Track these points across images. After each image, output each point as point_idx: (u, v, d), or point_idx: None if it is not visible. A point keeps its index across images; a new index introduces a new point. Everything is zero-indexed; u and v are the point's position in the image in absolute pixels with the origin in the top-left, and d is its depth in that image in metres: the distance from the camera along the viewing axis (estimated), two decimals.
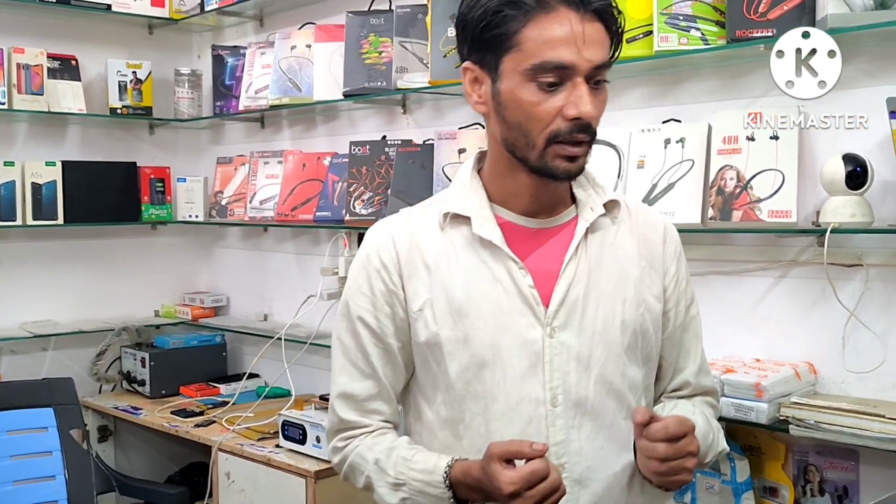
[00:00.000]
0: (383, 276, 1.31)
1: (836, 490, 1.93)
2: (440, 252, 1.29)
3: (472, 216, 1.28)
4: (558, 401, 1.26)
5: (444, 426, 1.30)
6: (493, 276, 1.27)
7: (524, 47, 1.18)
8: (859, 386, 1.89)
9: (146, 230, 3.46)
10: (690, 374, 1.40)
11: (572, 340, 1.26)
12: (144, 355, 3.18)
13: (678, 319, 1.37)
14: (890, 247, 1.84)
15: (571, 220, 1.32)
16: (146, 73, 3.32)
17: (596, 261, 1.29)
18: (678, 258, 1.38)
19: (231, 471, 2.61)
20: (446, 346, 1.27)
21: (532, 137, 1.21)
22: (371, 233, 1.37)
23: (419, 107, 2.79)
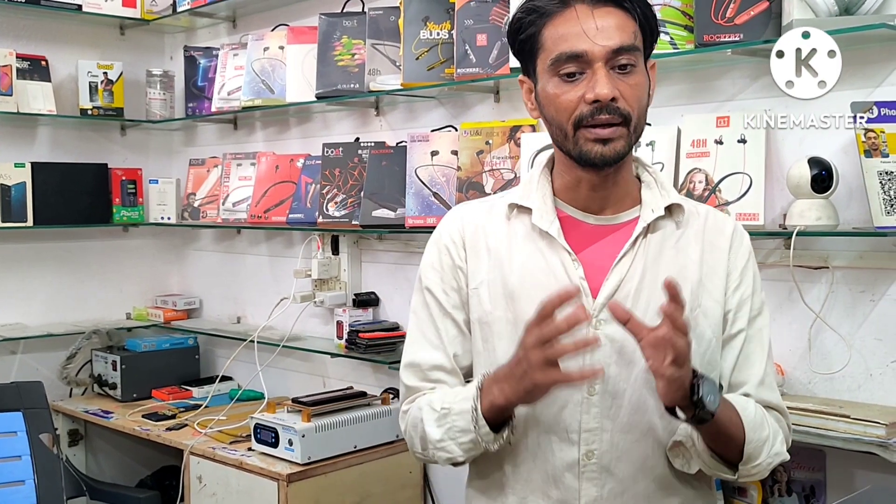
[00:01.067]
0: (451, 251, 1.40)
1: (804, 490, 1.96)
2: (502, 238, 1.37)
3: (534, 208, 1.35)
4: (595, 390, 1.29)
5: None
6: (547, 265, 1.32)
7: (546, 46, 1.27)
8: (825, 387, 1.91)
9: (118, 232, 3.43)
10: (752, 386, 1.36)
11: (618, 334, 1.27)
12: (116, 358, 3.15)
13: (737, 325, 1.35)
14: (855, 249, 1.87)
15: (633, 219, 1.35)
16: (117, 74, 3.29)
17: (653, 260, 1.32)
18: (745, 266, 1.37)
19: (203, 474, 2.59)
20: (496, 326, 1.34)
21: (564, 128, 1.27)
22: (446, 217, 1.47)
23: (392, 109, 2.79)
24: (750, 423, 1.29)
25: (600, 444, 1.30)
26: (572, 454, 1.30)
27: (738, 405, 1.29)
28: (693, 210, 1.38)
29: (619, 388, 1.29)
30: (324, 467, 2.42)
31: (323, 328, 2.97)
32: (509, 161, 2.37)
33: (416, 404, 1.38)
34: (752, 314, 1.37)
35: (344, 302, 2.85)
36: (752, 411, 1.31)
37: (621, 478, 1.30)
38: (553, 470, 1.31)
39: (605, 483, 1.30)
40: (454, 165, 2.48)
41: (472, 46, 2.37)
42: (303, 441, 2.38)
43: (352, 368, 2.87)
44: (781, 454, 1.35)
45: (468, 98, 2.57)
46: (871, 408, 1.79)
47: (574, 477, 1.30)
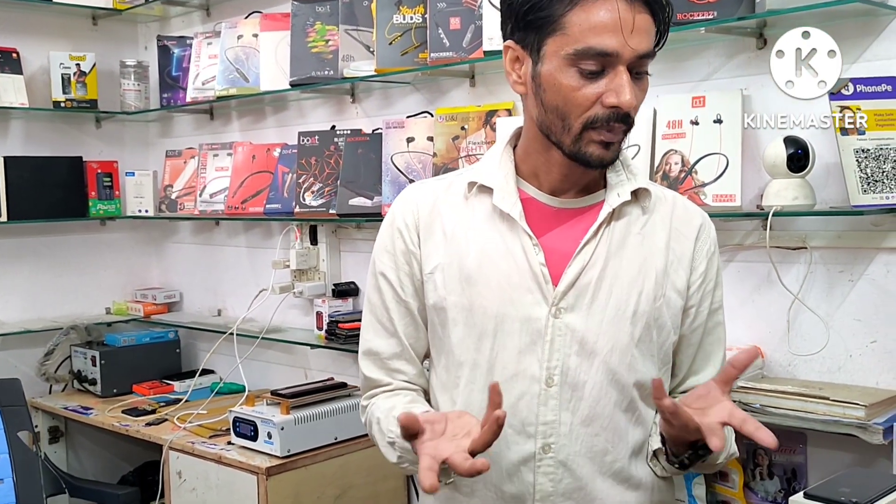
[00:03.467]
0: (404, 235, 1.34)
1: (785, 473, 1.94)
2: (459, 220, 1.31)
3: (496, 188, 1.29)
4: (554, 381, 1.25)
5: (443, 390, 1.33)
6: (506, 249, 1.27)
7: (569, 31, 1.17)
8: (805, 368, 1.89)
9: (94, 226, 3.38)
10: (707, 378, 1.33)
11: (578, 324, 1.24)
12: (95, 354, 3.12)
13: (698, 319, 1.33)
14: (832, 229, 1.84)
15: (598, 203, 1.29)
16: (90, 66, 3.24)
17: (617, 247, 1.27)
18: (710, 258, 1.34)
19: (182, 469, 2.57)
20: (451, 312, 1.29)
21: (569, 121, 1.20)
22: (399, 197, 1.40)
23: (368, 95, 2.76)
24: None
25: (558, 438, 1.25)
26: (528, 448, 1.26)
27: None
28: (660, 195, 1.34)
29: (580, 379, 1.25)
30: (304, 460, 2.40)
31: (303, 319, 2.94)
32: (485, 146, 2.33)
33: (371, 409, 1.36)
34: (712, 307, 1.35)
35: (323, 292, 2.82)
36: None
37: (579, 474, 1.26)
38: (508, 464, 1.26)
39: (561, 478, 1.26)
40: (430, 152, 2.45)
41: (445, 30, 2.34)
42: (282, 434, 2.36)
43: (333, 359, 2.84)
44: (735, 453, 1.36)
45: (443, 83, 2.53)
46: (851, 389, 1.77)
47: (529, 471, 1.26)
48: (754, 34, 1.92)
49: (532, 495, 1.26)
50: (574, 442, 1.25)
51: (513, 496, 1.27)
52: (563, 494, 1.26)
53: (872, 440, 1.64)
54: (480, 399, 1.25)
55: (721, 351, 1.38)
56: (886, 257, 1.79)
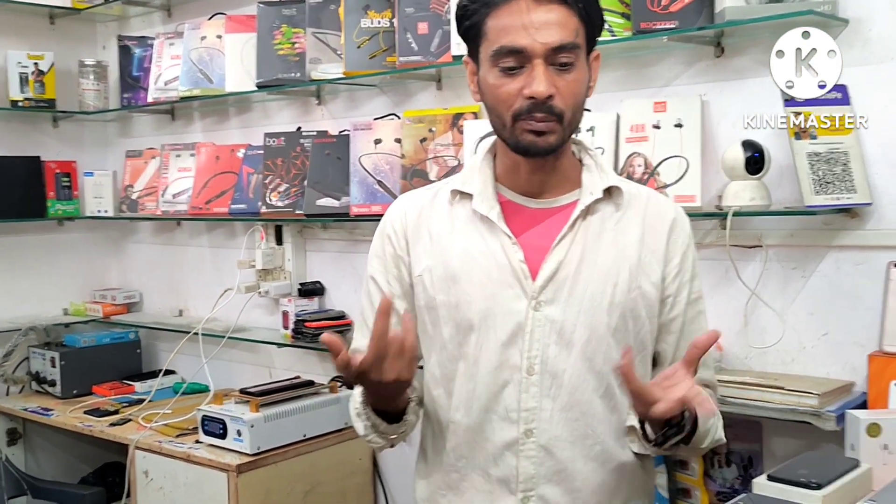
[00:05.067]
0: (393, 241, 1.44)
1: (742, 460, 2.03)
2: (445, 224, 1.40)
3: (475, 193, 1.38)
4: (534, 370, 1.33)
5: (439, 384, 1.41)
6: (487, 249, 1.35)
7: (489, 35, 1.29)
8: (761, 361, 1.99)
9: (52, 226, 3.34)
10: None
11: (557, 315, 1.32)
12: (54, 355, 3.09)
13: (676, 308, 1.40)
14: (786, 228, 1.95)
15: (573, 202, 1.38)
16: (48, 65, 3.21)
17: (593, 242, 1.35)
18: (685, 251, 1.40)
19: (149, 469, 2.57)
20: (441, 310, 1.38)
21: (503, 118, 1.30)
22: (394, 202, 1.50)
23: (334, 98, 2.79)
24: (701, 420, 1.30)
25: (539, 424, 1.33)
26: (512, 433, 1.34)
27: None
28: (634, 192, 1.42)
29: (559, 368, 1.33)
30: (273, 457, 2.42)
31: (268, 319, 2.96)
32: (453, 148, 2.39)
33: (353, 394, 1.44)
34: (691, 298, 1.42)
35: (289, 292, 2.85)
36: None
37: (560, 457, 1.33)
38: (493, 448, 1.35)
39: (543, 461, 1.33)
40: (398, 153, 2.50)
41: (413, 34, 2.39)
42: (252, 431, 2.38)
43: (298, 358, 2.87)
44: (722, 439, 1.40)
45: (410, 86, 2.58)
46: (805, 379, 1.87)
47: (513, 455, 1.34)
48: (713, 43, 2.01)
49: (516, 477, 1.34)
50: (555, 427, 1.33)
51: (499, 479, 1.35)
52: (546, 476, 1.34)
53: (825, 427, 1.74)
54: (468, 390, 1.36)
55: None
56: (837, 254, 1.90)
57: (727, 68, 2.01)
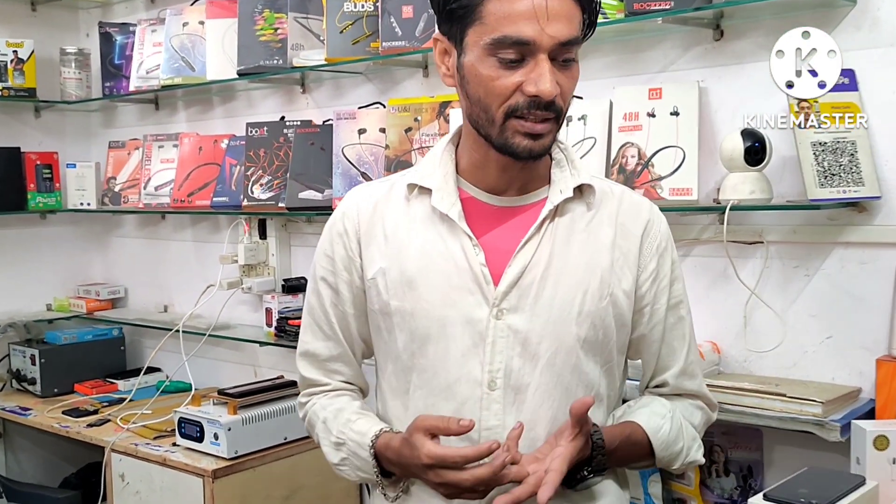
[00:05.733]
0: (344, 240, 1.32)
1: (741, 470, 1.92)
2: (400, 223, 1.28)
3: (434, 189, 1.26)
4: (496, 384, 1.21)
5: (395, 396, 1.31)
6: (447, 250, 1.24)
7: (486, 20, 1.14)
8: (761, 365, 1.88)
9: (34, 220, 3.25)
10: (671, 375, 1.34)
11: (521, 325, 1.21)
12: (34, 352, 3.00)
13: (656, 317, 1.30)
14: (788, 223, 1.82)
15: (541, 200, 1.26)
16: (28, 53, 3.10)
17: (562, 245, 1.24)
18: (661, 254, 1.30)
19: (125, 472, 2.48)
20: (395, 317, 1.27)
21: (491, 112, 1.17)
22: (345, 197, 1.37)
23: (318, 86, 2.68)
24: (662, 443, 1.27)
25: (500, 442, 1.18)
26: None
27: (651, 426, 1.27)
28: (607, 190, 1.30)
29: (523, 381, 1.22)
30: (252, 461, 2.33)
31: (252, 315, 2.86)
32: (439, 138, 2.27)
33: (313, 408, 1.37)
34: (671, 302, 1.32)
35: (273, 288, 2.74)
36: (668, 429, 1.28)
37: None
38: None
39: (507, 486, 1.19)
40: (382, 144, 2.39)
41: (397, 19, 2.27)
42: (229, 434, 2.28)
43: (282, 357, 2.77)
44: (697, 461, 1.34)
45: (396, 73, 2.47)
46: (807, 385, 1.76)
47: None
48: (711, 25, 1.89)
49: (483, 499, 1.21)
50: (520, 445, 1.19)
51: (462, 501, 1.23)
52: None
53: (829, 437, 1.63)
54: (426, 405, 1.25)
55: (685, 346, 1.34)
56: (842, 252, 1.78)
57: (726, 53, 1.89)
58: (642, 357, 1.33)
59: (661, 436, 1.27)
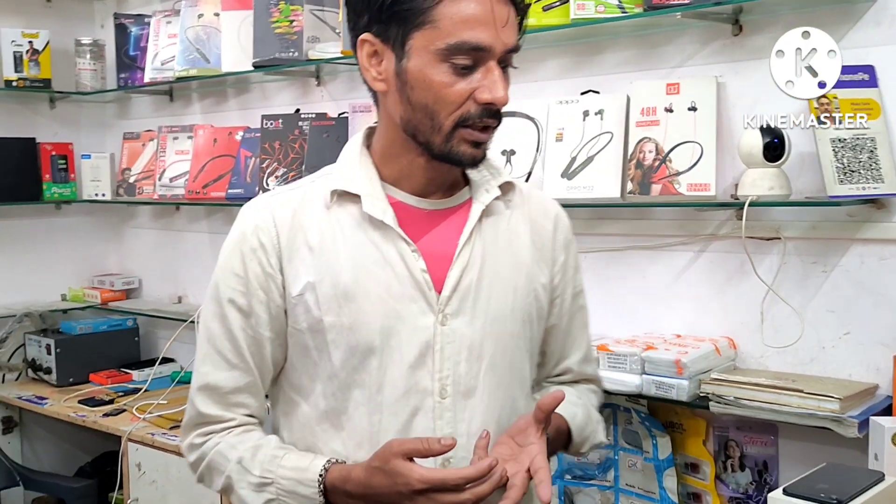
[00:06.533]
0: (260, 257, 1.20)
1: (756, 465, 1.93)
2: (325, 232, 1.20)
3: (363, 194, 1.19)
4: (447, 392, 1.20)
5: (324, 419, 1.22)
6: (383, 258, 1.19)
7: (440, 24, 1.11)
8: (778, 360, 1.88)
9: (49, 210, 3.27)
10: (574, 362, 1.39)
11: (465, 328, 1.20)
12: (50, 342, 3.03)
13: (564, 306, 1.34)
14: (807, 219, 1.82)
15: (465, 201, 1.25)
16: (44, 44, 3.12)
17: (491, 245, 1.24)
18: (568, 247, 1.34)
19: (142, 461, 2.50)
20: (330, 333, 1.19)
21: (439, 120, 1.14)
22: (248, 209, 1.25)
23: (333, 78, 2.69)
24: (577, 429, 1.32)
25: (455, 452, 1.15)
26: (428, 466, 1.14)
27: (568, 414, 1.30)
28: (518, 188, 1.32)
29: (470, 385, 1.21)
30: None
31: None
32: None
33: (216, 447, 1.22)
34: (574, 292, 1.36)
35: None
36: (581, 416, 1.33)
37: None
38: None
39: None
40: None
41: None
42: None
43: None
44: (602, 442, 1.42)
45: None
46: (825, 381, 1.76)
47: None
48: (730, 20, 1.89)
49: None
50: (470, 452, 1.18)
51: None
52: None
53: (847, 434, 1.63)
54: (371, 423, 1.19)
55: (585, 334, 1.40)
56: (861, 248, 1.78)
57: (745, 47, 1.89)
58: (548, 347, 1.35)
59: (577, 422, 1.31)
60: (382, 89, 1.18)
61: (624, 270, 2.07)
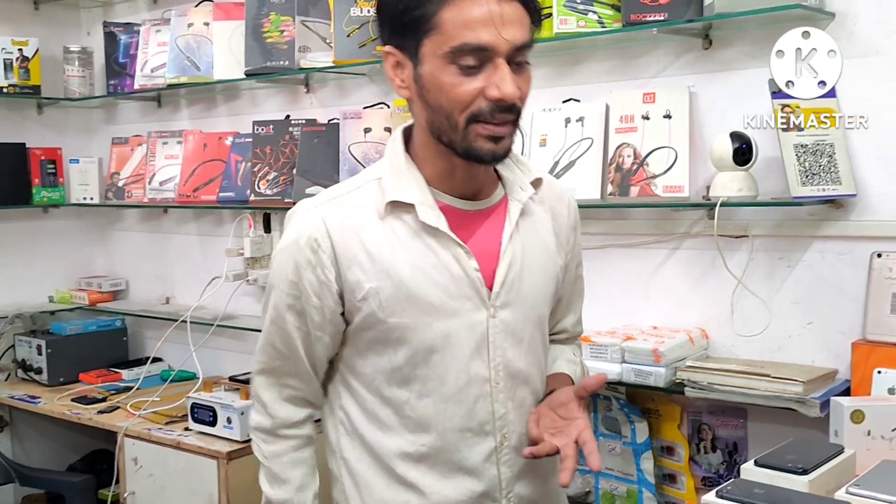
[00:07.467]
0: (314, 266, 1.28)
1: (727, 446, 2.07)
2: (382, 240, 1.27)
3: (416, 203, 1.26)
4: (500, 377, 1.31)
5: (387, 405, 1.32)
6: (440, 263, 1.27)
7: (443, 29, 1.17)
8: (747, 348, 2.03)
9: (38, 213, 3.33)
10: (570, 323, 1.54)
11: (509, 317, 1.32)
12: (40, 342, 3.08)
13: (569, 279, 1.47)
14: (772, 219, 1.98)
15: (501, 200, 1.34)
16: (33, 51, 3.18)
17: (526, 238, 1.35)
18: (576, 227, 1.47)
19: (139, 456, 2.57)
20: (395, 332, 1.28)
21: (454, 119, 1.20)
22: (300, 216, 1.31)
23: (322, 86, 2.79)
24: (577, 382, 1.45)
25: (509, 427, 1.32)
26: (489, 444, 1.31)
27: (570, 371, 1.46)
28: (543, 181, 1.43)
29: (516, 368, 1.33)
30: None
31: (256, 306, 2.96)
32: None
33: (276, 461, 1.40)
34: (576, 264, 1.49)
35: None
36: (579, 373, 1.50)
37: (523, 454, 1.30)
38: (473, 465, 1.31)
39: (516, 462, 1.33)
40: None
41: None
42: (242, 418, 2.39)
43: None
44: None
45: None
46: (790, 367, 1.91)
47: (493, 465, 1.32)
48: (701, 35, 2.03)
49: (499, 485, 1.33)
50: (520, 426, 1.33)
51: (483, 493, 1.33)
52: (518, 476, 1.35)
53: (810, 413, 1.78)
54: (434, 412, 1.30)
55: (581, 298, 1.55)
56: (821, 245, 1.93)
57: (715, 60, 2.04)
58: (552, 313, 1.46)
59: (577, 378, 1.46)
60: (407, 96, 1.26)
61: (604, 267, 2.20)
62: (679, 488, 2.12)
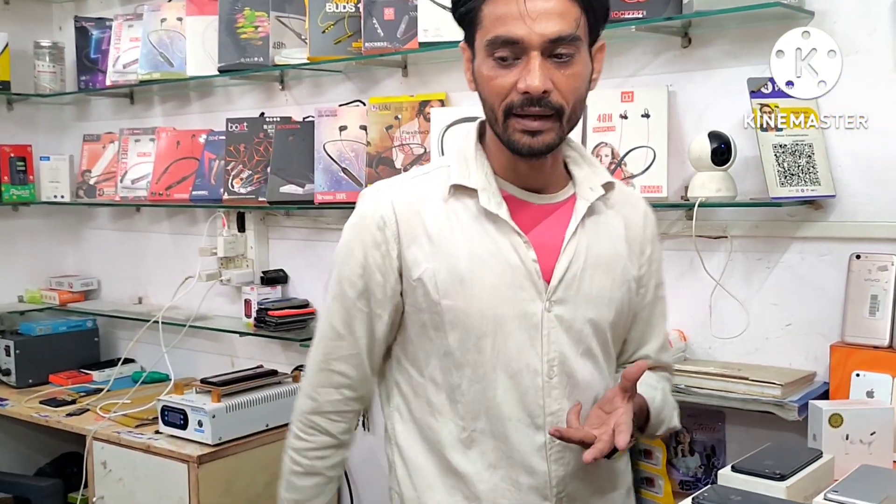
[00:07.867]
0: (380, 244, 1.31)
1: (705, 449, 2.05)
2: (443, 222, 1.30)
3: (479, 189, 1.29)
4: (554, 372, 1.30)
5: (440, 390, 1.33)
6: (497, 249, 1.28)
7: (484, 23, 1.22)
8: (725, 351, 2.00)
9: (7, 212, 3.26)
10: (652, 349, 1.47)
11: (567, 315, 1.30)
12: (9, 343, 3.02)
13: (647, 297, 1.43)
14: (751, 219, 1.96)
15: (570, 197, 1.35)
16: (3, 46, 3.11)
17: (593, 239, 1.33)
18: (654, 241, 1.43)
19: (108, 460, 2.52)
20: (447, 315, 1.29)
21: (495, 111, 1.24)
22: (369, 195, 1.35)
23: (298, 83, 2.75)
24: (655, 409, 1.39)
25: (562, 424, 1.29)
26: (539, 438, 1.31)
27: (648, 396, 1.38)
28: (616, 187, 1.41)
29: (573, 367, 1.32)
30: (235, 447, 2.39)
31: (230, 307, 2.92)
32: (419, 136, 2.37)
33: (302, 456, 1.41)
34: (657, 283, 1.45)
35: (251, 280, 2.81)
36: (660, 399, 1.41)
37: (576, 452, 1.30)
38: (522, 458, 1.32)
39: (568, 461, 1.32)
40: (363, 140, 2.47)
41: (379, 20, 2.36)
42: (213, 421, 2.35)
43: (261, 347, 2.84)
44: (676, 426, 1.48)
45: (376, 72, 2.55)
46: (768, 369, 1.89)
47: (543, 460, 1.32)
48: (679, 33, 2.01)
49: (549, 482, 1.32)
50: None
51: (530, 487, 1.32)
52: (572, 475, 1.33)
53: (788, 417, 1.76)
54: (484, 398, 1.31)
55: (664, 323, 1.49)
56: (800, 246, 1.91)
57: (694, 59, 2.02)
58: (629, 334, 1.44)
59: (656, 405, 1.40)
60: (473, 89, 1.29)
61: None
62: (656, 492, 2.09)
